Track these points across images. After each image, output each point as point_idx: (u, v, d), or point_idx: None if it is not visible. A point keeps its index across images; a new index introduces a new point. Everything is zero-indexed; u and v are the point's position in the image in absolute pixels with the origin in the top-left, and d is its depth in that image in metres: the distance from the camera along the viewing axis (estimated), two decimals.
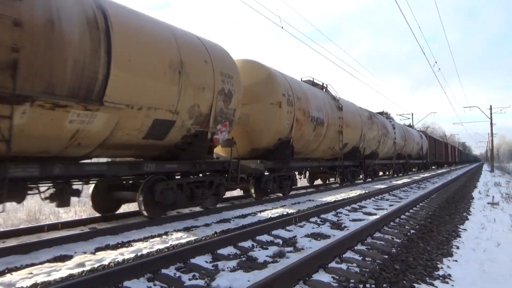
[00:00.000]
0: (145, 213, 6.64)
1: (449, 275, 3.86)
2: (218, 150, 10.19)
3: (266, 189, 10.28)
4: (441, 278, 3.74)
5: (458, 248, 5.06)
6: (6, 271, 3.98)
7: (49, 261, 4.40)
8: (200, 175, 8.08)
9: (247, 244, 4.99)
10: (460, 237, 5.76)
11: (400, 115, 47.68)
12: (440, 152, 42.79)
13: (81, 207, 10.18)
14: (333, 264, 3.94)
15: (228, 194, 11.54)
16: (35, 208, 9.24)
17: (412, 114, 48.75)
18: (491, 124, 39.33)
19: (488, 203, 9.97)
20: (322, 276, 3.52)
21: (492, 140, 43.39)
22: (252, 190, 10.11)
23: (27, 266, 4.18)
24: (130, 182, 7.38)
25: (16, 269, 4.07)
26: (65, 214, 9.23)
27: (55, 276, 3.76)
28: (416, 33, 33.20)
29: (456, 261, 4.43)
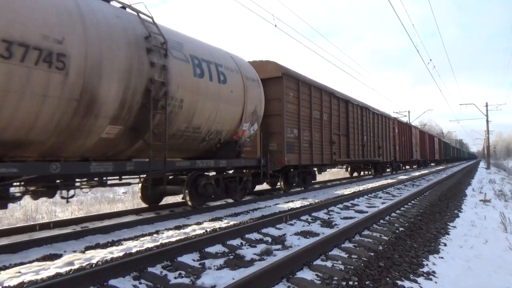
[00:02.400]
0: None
1: (434, 271, 3.89)
2: None
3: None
4: (425, 274, 3.78)
5: (445, 245, 5.08)
6: None
7: (38, 260, 4.43)
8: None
9: (236, 242, 5.03)
10: (448, 234, 5.78)
11: (396, 112, 47.64)
12: (383, 140, 21.52)
13: (78, 206, 10.18)
14: (318, 262, 3.97)
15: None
16: (32, 207, 9.25)
17: (409, 111, 48.81)
18: (487, 121, 39.54)
19: (480, 200, 10.01)
20: (305, 274, 3.55)
21: (488, 138, 43.58)
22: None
23: (16, 265, 4.21)
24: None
25: (5, 268, 4.10)
26: (62, 214, 9.23)
27: (43, 275, 3.78)
28: (411, 30, 33.19)
29: (442, 258, 4.46)
